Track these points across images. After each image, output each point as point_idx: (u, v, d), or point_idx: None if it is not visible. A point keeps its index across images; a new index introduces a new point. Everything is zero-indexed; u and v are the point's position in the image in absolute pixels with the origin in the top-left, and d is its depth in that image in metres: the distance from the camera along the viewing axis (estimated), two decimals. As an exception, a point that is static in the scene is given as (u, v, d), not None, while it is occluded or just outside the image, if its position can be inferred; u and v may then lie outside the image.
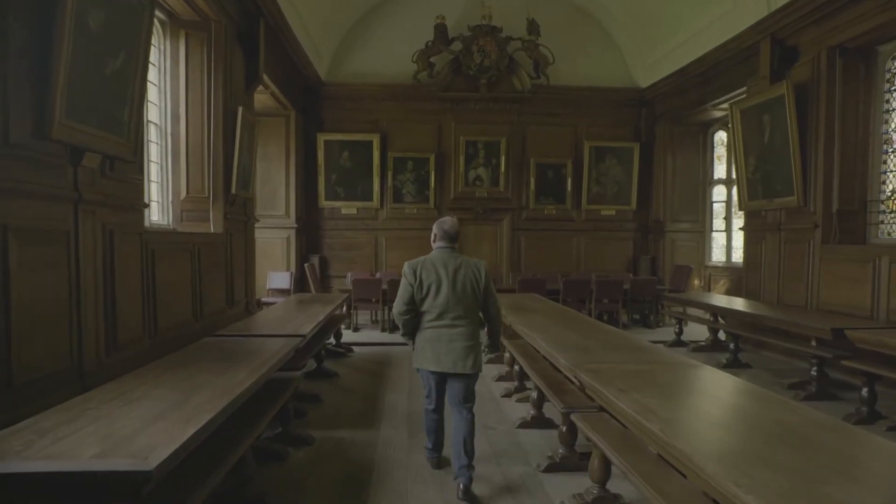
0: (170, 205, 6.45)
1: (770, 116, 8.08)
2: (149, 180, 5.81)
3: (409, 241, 11.81)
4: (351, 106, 11.76)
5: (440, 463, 4.18)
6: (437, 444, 4.21)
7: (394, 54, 11.63)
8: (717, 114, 11.32)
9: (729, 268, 11.59)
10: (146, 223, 5.28)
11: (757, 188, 8.52)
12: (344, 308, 9.43)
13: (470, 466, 3.70)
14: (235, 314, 6.83)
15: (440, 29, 11.28)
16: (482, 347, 4.04)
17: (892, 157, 7.20)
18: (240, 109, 6.72)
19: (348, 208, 11.83)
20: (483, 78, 11.60)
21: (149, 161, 5.86)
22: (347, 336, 9.01)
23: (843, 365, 5.60)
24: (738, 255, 11.63)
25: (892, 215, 7.16)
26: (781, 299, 8.07)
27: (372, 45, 11.76)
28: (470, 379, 3.86)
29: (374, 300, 9.64)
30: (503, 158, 11.93)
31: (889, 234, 7.18)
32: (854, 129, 7.39)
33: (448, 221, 4.09)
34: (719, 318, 8.25)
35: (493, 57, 11.50)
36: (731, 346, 7.38)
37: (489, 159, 12.01)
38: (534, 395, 5.15)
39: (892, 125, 7.19)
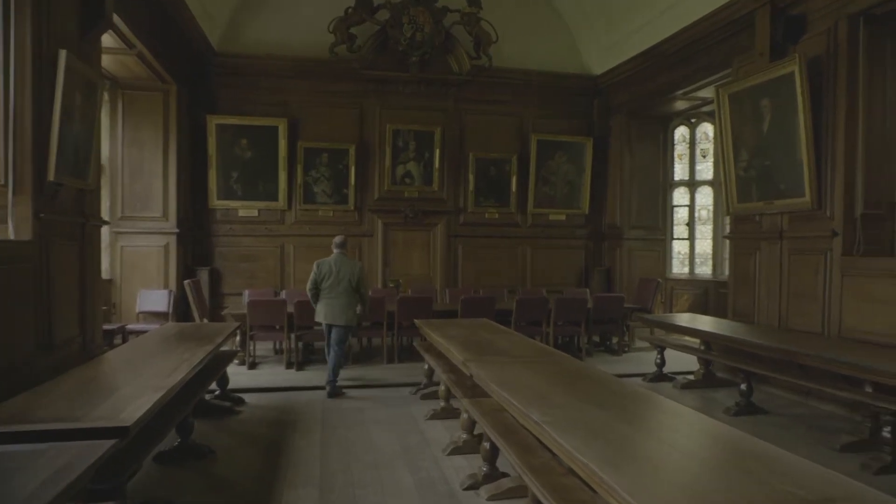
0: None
1: (771, 100, 6.62)
2: None
3: (323, 251, 9.56)
4: (252, 83, 9.50)
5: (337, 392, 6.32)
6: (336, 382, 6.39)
7: (306, 21, 9.49)
8: (680, 106, 9.94)
9: (693, 281, 10.22)
10: None
11: (750, 188, 7.05)
12: (237, 338, 7.22)
13: (332, 381, 6.31)
14: (59, 361, 4.51)
15: (363, -8, 9.30)
16: (356, 311, 6.42)
17: (924, 150, 5.88)
18: (62, 55, 4.44)
19: (247, 209, 9.54)
20: (414, 55, 9.67)
21: None
22: (240, 378, 6.79)
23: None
24: (702, 267, 10.29)
25: (927, 221, 5.83)
26: (785, 322, 6.60)
27: (279, 8, 9.57)
28: (342, 329, 6.38)
29: (277, 327, 7.45)
30: (438, 152, 10.04)
31: (923, 244, 5.85)
32: (881, 117, 6.02)
33: (338, 238, 6.63)
34: (711, 347, 6.71)
35: (427, 30, 9.60)
36: (743, 387, 5.78)
37: (421, 153, 10.08)
38: None
39: (925, 111, 5.87)
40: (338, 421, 5.43)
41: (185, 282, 8.07)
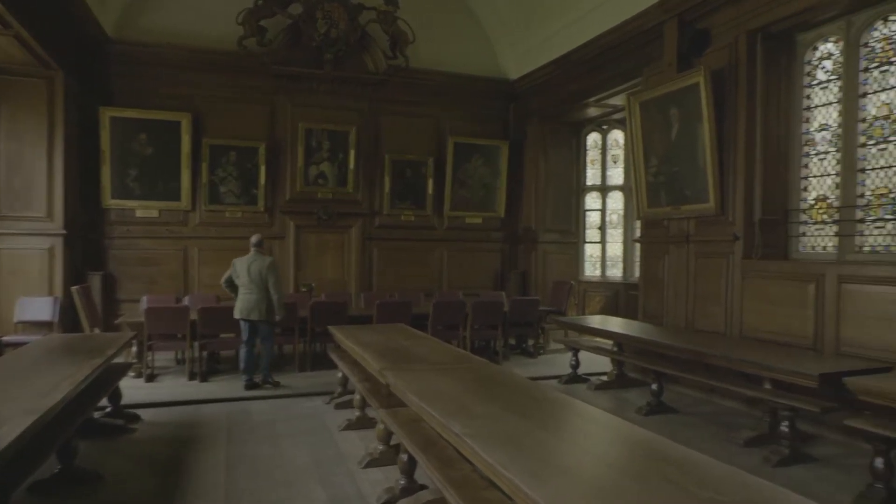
0: None
1: (679, 110, 6.86)
2: None
3: (231, 254, 9.07)
4: (152, 74, 8.87)
5: (252, 385, 6.56)
6: (248, 370, 6.60)
7: (214, 11, 8.99)
8: (593, 112, 10.19)
9: (604, 283, 10.49)
10: None
11: (659, 193, 7.29)
12: (133, 348, 6.68)
13: (265, 370, 6.67)
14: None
15: (275, -16, 8.90)
16: (272, 305, 6.59)
17: (814, 160, 6.26)
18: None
19: (146, 209, 8.89)
20: (329, 52, 9.38)
21: None
22: (136, 392, 6.26)
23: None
24: (613, 270, 10.59)
25: (816, 227, 6.20)
26: (692, 323, 6.86)
27: (182, -5, 8.99)
28: (258, 323, 6.56)
29: (179, 336, 6.95)
30: (352, 153, 9.77)
31: (812, 247, 6.22)
32: (776, 128, 6.37)
33: (255, 238, 6.80)
34: (623, 349, 6.86)
35: (342, 27, 9.33)
36: (654, 386, 5.93)
37: (335, 153, 9.78)
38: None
39: (815, 125, 6.25)
40: (246, 435, 5.09)
41: (73, 288, 7.38)
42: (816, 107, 6.20)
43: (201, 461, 4.46)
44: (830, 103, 6.05)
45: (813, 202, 6.23)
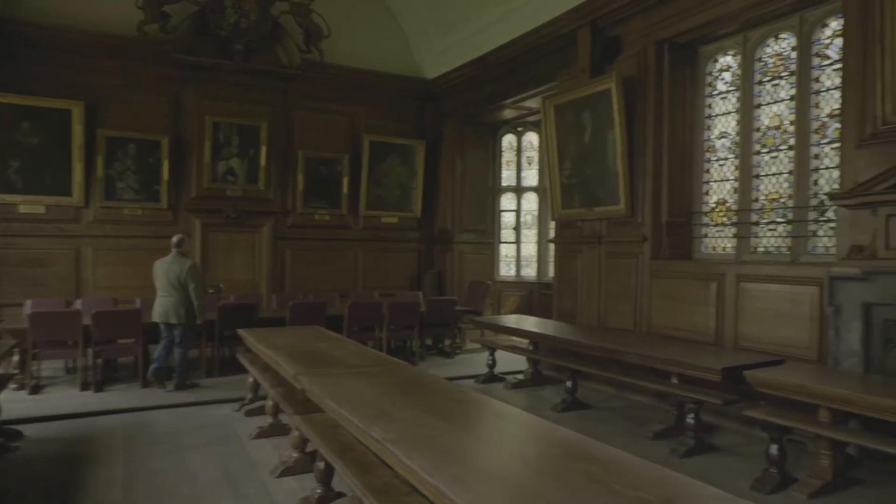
0: None
1: (591, 114, 7.06)
2: None
3: (130, 255, 8.59)
4: (39, 58, 8.12)
5: (157, 376, 6.38)
6: (160, 364, 6.41)
7: (111, -8, 8.36)
8: (508, 115, 10.34)
9: (519, 283, 10.67)
10: None
11: (573, 195, 7.47)
12: (15, 358, 6.10)
13: (179, 374, 6.48)
14: None
15: (179, -32, 8.41)
16: (191, 309, 6.46)
17: (715, 166, 6.62)
18: None
19: (31, 205, 8.13)
20: (239, 43, 8.96)
21: None
22: (19, 406, 5.70)
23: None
24: (528, 270, 10.79)
25: (717, 229, 6.56)
26: (603, 322, 7.07)
27: (75, -26, 8.31)
28: (175, 326, 6.40)
29: (70, 343, 6.40)
30: (264, 149, 9.38)
31: (714, 248, 6.57)
32: (681, 135, 6.68)
33: (175, 238, 6.63)
34: (538, 347, 6.97)
35: (253, 17, 8.95)
36: (569, 384, 6.05)
37: (245, 149, 9.36)
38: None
39: (715, 133, 6.61)
40: (146, 449, 4.73)
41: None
42: (717, 116, 6.56)
43: (95, 480, 4.09)
44: (729, 113, 6.41)
45: (714, 205, 6.58)
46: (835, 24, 5.36)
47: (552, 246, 8.41)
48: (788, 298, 5.13)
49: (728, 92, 6.43)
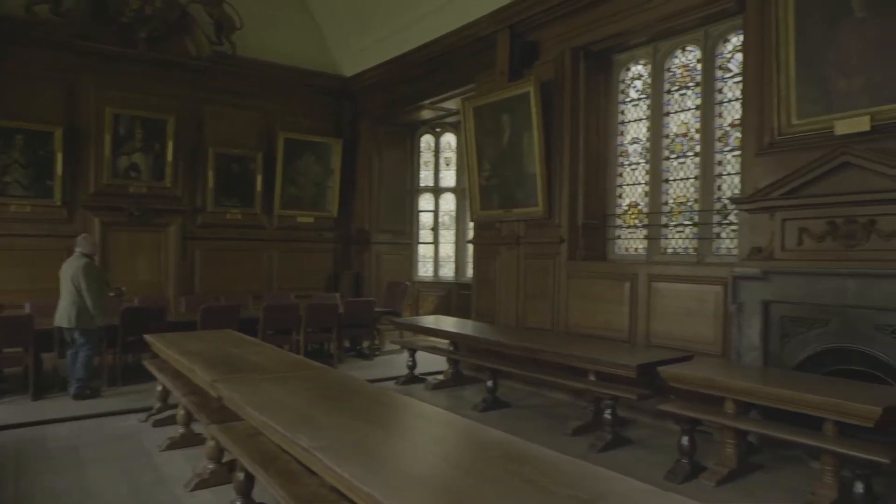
0: None
1: (510, 117, 7.17)
2: None
3: (18, 255, 7.87)
4: None
5: (80, 393, 6.09)
6: (76, 376, 6.12)
7: (-6, -31, 7.64)
8: (427, 115, 10.35)
9: (437, 283, 10.71)
10: None
11: (491, 196, 7.57)
12: None
13: (77, 381, 6.08)
14: None
15: (75, -54, 7.81)
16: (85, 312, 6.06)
17: (627, 170, 6.90)
18: None
19: None
20: (143, 31, 8.44)
21: None
22: None
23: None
24: (446, 270, 10.84)
25: (629, 230, 6.84)
26: (522, 321, 7.21)
27: (-48, -53, 7.54)
28: (72, 331, 6.04)
29: (-52, 353, 5.79)
30: (171, 144, 8.89)
31: (626, 249, 6.85)
32: (596, 139, 6.92)
33: (79, 238, 6.42)
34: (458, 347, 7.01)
35: (158, 5, 8.45)
36: (489, 383, 6.11)
37: (150, 143, 8.83)
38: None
39: (628, 138, 6.89)
40: (41, 466, 4.35)
41: None
42: (629, 122, 6.84)
43: (-18, 503, 3.72)
44: (640, 119, 6.71)
45: (626, 208, 6.87)
46: (735, 40, 5.73)
47: (470, 246, 8.49)
48: (695, 297, 5.43)
49: (639, 99, 6.73)
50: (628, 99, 6.87)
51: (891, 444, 3.66)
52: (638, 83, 6.75)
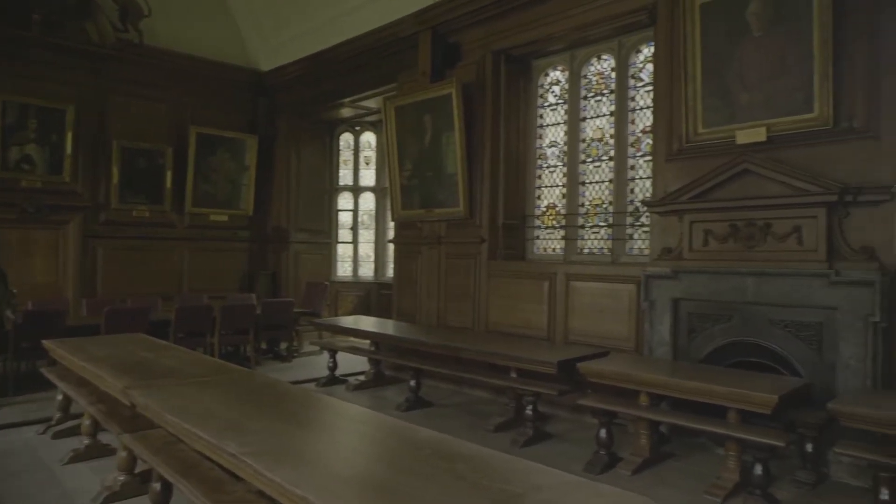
0: None
1: (432, 117, 7.22)
2: None
3: None
4: None
5: None
6: None
7: None
8: (346, 113, 10.23)
9: (357, 283, 10.61)
10: None
11: (413, 196, 7.59)
12: None
13: None
14: None
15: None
16: None
17: (546, 172, 7.11)
18: None
19: None
20: (37, 13, 7.82)
21: None
22: None
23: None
24: (365, 270, 10.76)
25: (547, 231, 7.06)
26: (443, 320, 7.27)
27: None
28: None
29: None
30: (70, 135, 8.32)
31: (545, 249, 7.06)
32: (516, 142, 7.09)
33: None
34: (380, 347, 6.97)
35: (57, -15, 7.88)
36: (412, 383, 6.12)
37: (46, 134, 8.23)
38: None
39: (546, 141, 7.11)
40: (-78, 487, 3.96)
41: None
42: (548, 125, 7.05)
43: None
44: (558, 124, 6.93)
45: (545, 209, 7.07)
46: (647, 51, 6.04)
47: (391, 246, 8.47)
48: (610, 295, 5.68)
49: (557, 104, 6.95)
50: (547, 103, 7.08)
51: (784, 428, 3.99)
52: (556, 88, 6.97)
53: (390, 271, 9.31)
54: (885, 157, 4.20)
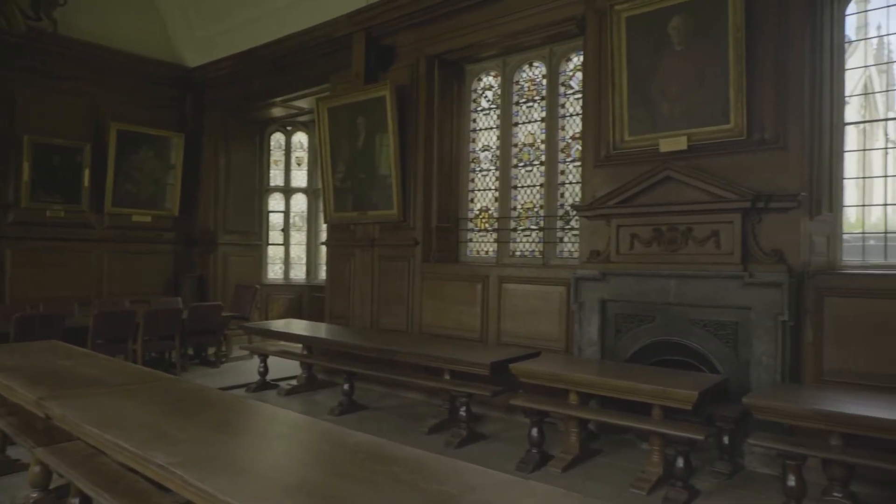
0: None
1: (365, 119, 7.18)
2: None
3: None
4: None
5: None
6: None
7: None
8: (278, 113, 10.02)
9: (288, 286, 10.41)
10: None
11: (346, 198, 7.52)
12: None
13: None
14: None
15: None
16: None
17: (479, 176, 7.21)
18: None
19: None
20: (-63, -4, 7.29)
21: None
22: None
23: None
24: (296, 272, 10.58)
25: (480, 234, 7.16)
26: (377, 323, 7.24)
27: None
28: None
29: None
30: (-26, 129, 7.78)
31: (478, 252, 7.15)
32: (450, 145, 7.15)
33: None
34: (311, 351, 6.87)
35: (-41, -33, 7.36)
36: (346, 386, 6.05)
37: (-53, 127, 7.66)
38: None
39: (479, 145, 7.21)
40: None
41: None
42: (481, 130, 7.15)
43: None
44: (491, 128, 7.04)
45: (478, 212, 7.16)
46: (577, 60, 6.23)
47: (323, 248, 8.36)
48: (541, 297, 5.82)
49: (490, 109, 7.06)
50: (480, 108, 7.18)
51: (704, 422, 4.21)
52: (489, 93, 7.08)
53: (322, 274, 9.18)
54: (793, 166, 4.51)
